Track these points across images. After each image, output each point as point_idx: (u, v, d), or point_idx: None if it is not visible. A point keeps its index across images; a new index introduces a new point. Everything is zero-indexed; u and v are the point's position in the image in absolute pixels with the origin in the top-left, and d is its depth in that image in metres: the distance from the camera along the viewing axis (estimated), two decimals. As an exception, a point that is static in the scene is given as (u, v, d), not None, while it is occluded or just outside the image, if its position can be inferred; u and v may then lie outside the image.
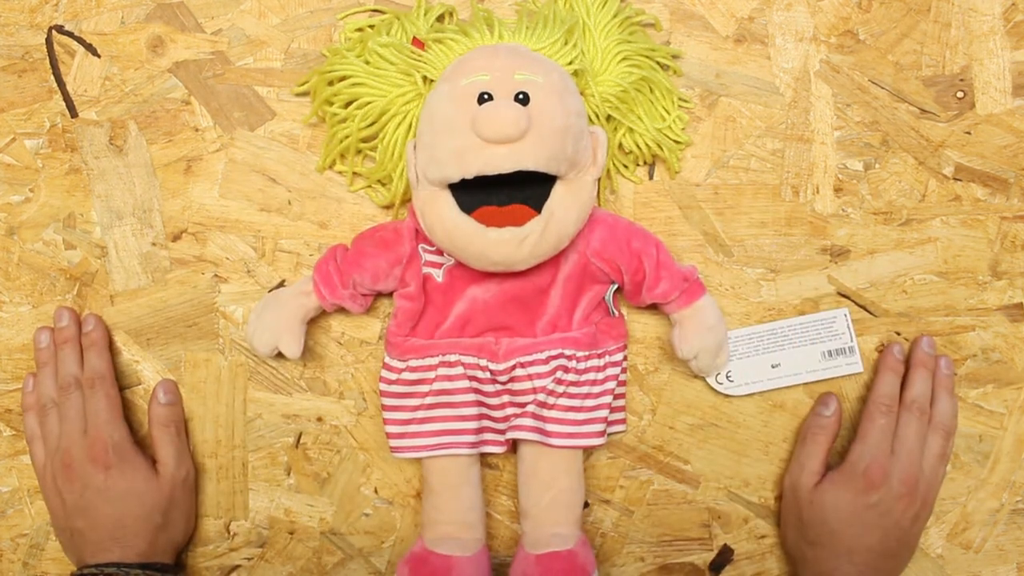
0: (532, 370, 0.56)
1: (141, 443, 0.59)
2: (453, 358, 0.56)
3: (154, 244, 0.62)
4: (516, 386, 0.56)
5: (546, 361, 0.56)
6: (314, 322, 0.60)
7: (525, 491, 0.57)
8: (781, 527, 0.61)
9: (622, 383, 0.59)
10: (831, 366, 0.60)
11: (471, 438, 0.56)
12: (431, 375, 0.56)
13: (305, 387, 0.61)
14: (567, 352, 0.56)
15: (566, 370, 0.56)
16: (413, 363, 0.57)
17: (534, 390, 0.56)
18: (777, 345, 0.60)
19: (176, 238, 0.62)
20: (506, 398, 0.57)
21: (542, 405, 0.56)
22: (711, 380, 0.60)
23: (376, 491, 0.61)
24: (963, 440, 0.62)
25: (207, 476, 0.61)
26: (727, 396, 0.61)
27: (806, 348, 0.60)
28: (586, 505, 0.61)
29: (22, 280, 0.62)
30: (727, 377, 0.60)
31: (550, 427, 0.56)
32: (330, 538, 0.62)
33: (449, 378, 0.56)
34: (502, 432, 0.57)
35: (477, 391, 0.56)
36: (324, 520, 0.61)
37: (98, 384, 0.58)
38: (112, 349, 0.61)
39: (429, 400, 0.56)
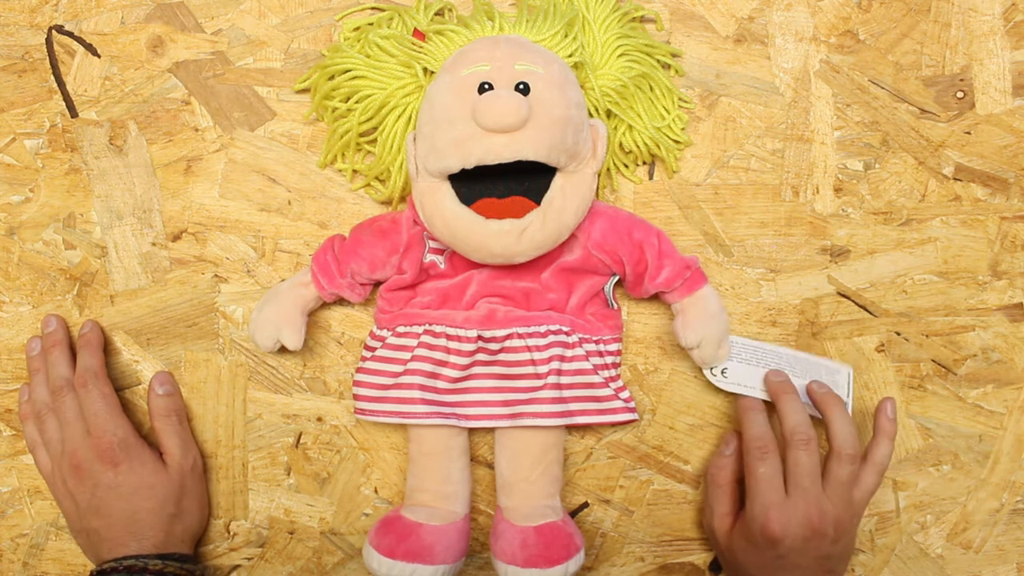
0: (531, 342, 0.56)
1: (146, 438, 0.59)
2: (439, 328, 0.56)
3: (154, 244, 0.62)
4: (509, 357, 0.56)
5: (544, 335, 0.56)
6: (314, 322, 0.60)
7: (513, 466, 0.57)
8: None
9: (617, 376, 0.59)
10: None
11: (445, 409, 0.56)
12: (414, 343, 0.56)
13: (305, 387, 0.61)
14: (564, 329, 0.56)
15: (566, 346, 0.56)
16: (400, 329, 0.57)
17: (533, 362, 0.56)
18: (777, 368, 0.60)
19: (176, 238, 0.62)
20: (497, 369, 0.56)
21: (558, 387, 0.56)
22: (706, 369, 0.59)
23: (376, 491, 0.61)
24: (963, 440, 0.62)
25: (207, 476, 0.61)
26: (716, 388, 0.60)
27: (803, 382, 0.59)
28: (586, 505, 0.62)
29: (22, 280, 0.62)
30: (722, 373, 0.59)
31: (574, 406, 0.56)
32: (330, 538, 0.62)
33: (430, 347, 0.56)
34: (485, 404, 0.57)
35: (457, 365, 0.56)
36: (324, 520, 0.61)
37: (91, 383, 0.57)
38: (109, 349, 0.61)
39: (410, 367, 0.56)
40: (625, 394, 0.58)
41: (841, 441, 0.54)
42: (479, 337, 0.56)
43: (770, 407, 0.58)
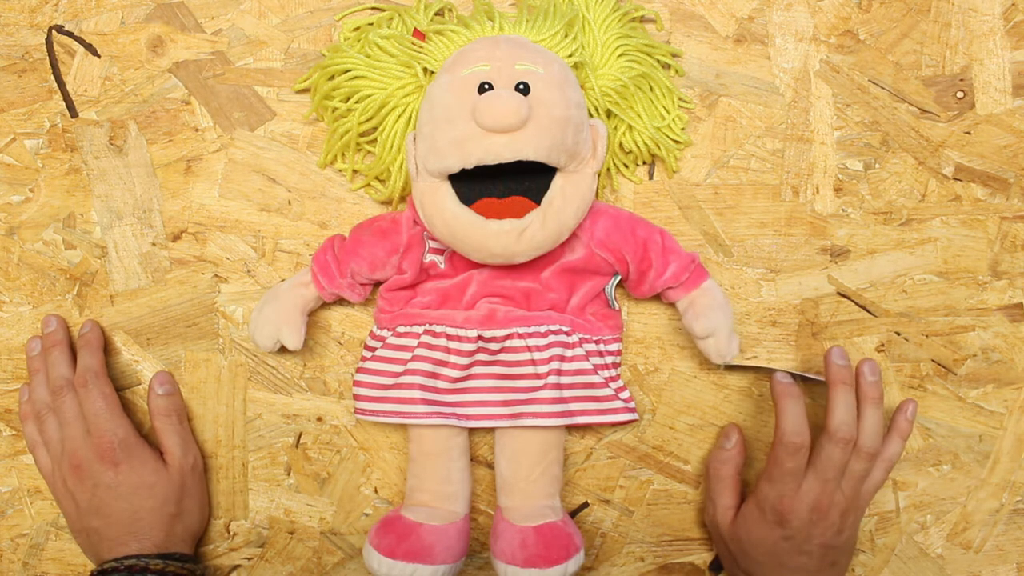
0: (531, 342, 0.56)
1: (146, 438, 0.59)
2: (439, 328, 0.56)
3: (154, 244, 0.62)
4: (509, 357, 0.56)
5: (544, 335, 0.56)
6: (314, 322, 0.60)
7: (513, 466, 0.57)
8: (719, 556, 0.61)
9: (617, 376, 0.59)
10: None
11: (445, 409, 0.56)
12: (414, 343, 0.56)
13: (305, 387, 0.61)
14: (565, 329, 0.56)
15: (566, 346, 0.56)
16: (400, 329, 0.57)
17: (533, 362, 0.56)
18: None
19: (176, 238, 0.62)
20: (497, 369, 0.57)
21: (558, 387, 0.56)
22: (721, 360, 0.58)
23: (376, 491, 0.61)
24: (963, 440, 0.62)
25: (207, 476, 0.61)
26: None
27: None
28: (586, 505, 0.62)
29: (22, 280, 0.62)
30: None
31: (574, 406, 0.56)
32: (330, 538, 0.62)
33: (430, 347, 0.56)
34: (485, 404, 0.57)
35: (457, 365, 0.56)
36: (324, 520, 0.61)
37: (91, 383, 0.57)
38: (109, 349, 0.61)
39: (410, 367, 0.56)
40: (625, 394, 0.58)
41: (867, 438, 0.54)
42: (479, 337, 0.56)
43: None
